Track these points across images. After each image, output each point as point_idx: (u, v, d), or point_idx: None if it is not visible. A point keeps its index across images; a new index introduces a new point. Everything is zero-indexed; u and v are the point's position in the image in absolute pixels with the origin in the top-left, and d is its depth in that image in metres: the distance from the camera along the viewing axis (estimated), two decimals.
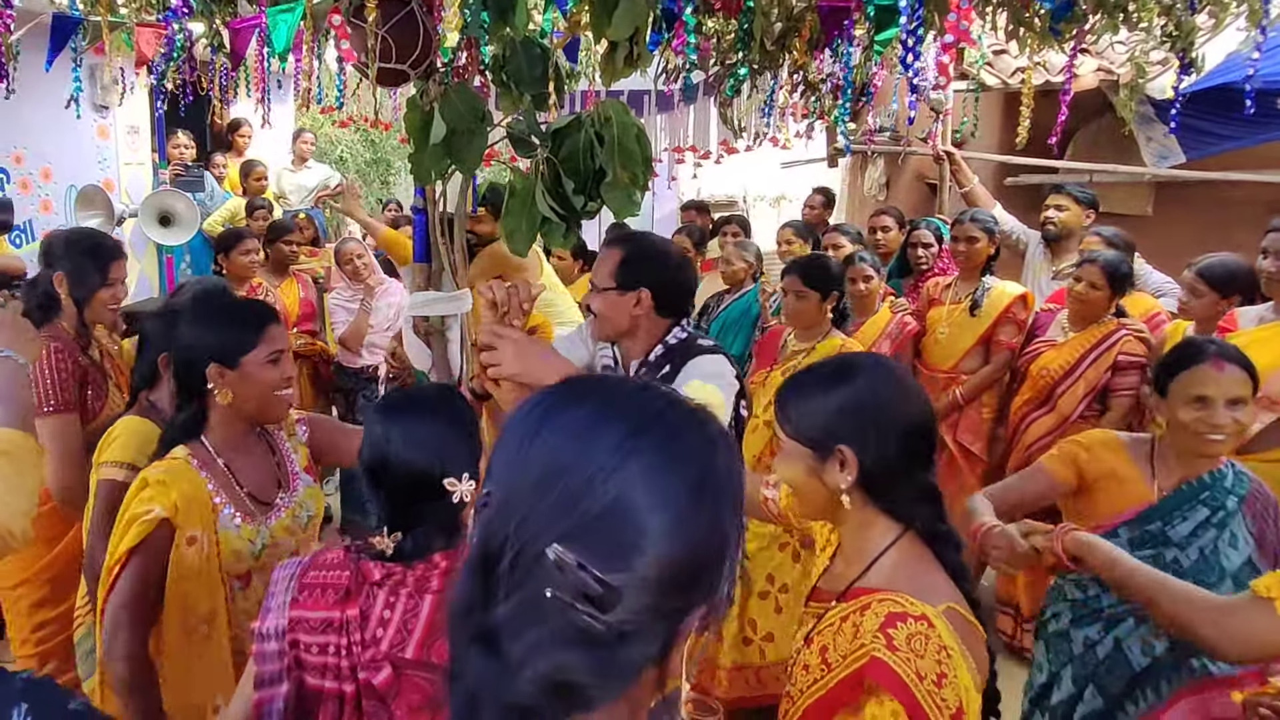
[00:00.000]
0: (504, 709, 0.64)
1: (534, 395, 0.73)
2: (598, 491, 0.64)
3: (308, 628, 1.37)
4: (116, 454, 2.01)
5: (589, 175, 2.90)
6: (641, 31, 2.84)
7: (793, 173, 8.68)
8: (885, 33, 2.68)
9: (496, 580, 0.65)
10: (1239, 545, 1.94)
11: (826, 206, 5.54)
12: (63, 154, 5.74)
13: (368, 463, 1.44)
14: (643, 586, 0.63)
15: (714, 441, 0.71)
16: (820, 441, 1.29)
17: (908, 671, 1.12)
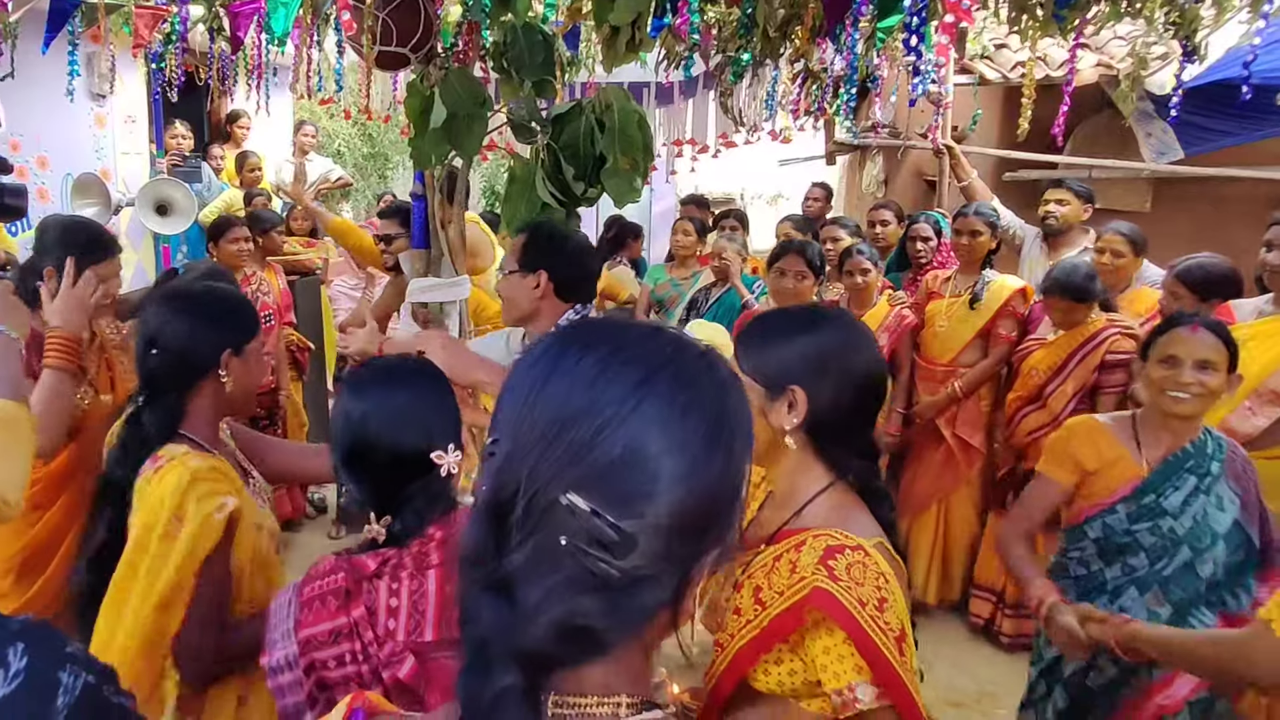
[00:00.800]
0: (516, 654, 0.64)
1: (542, 341, 0.72)
2: (610, 438, 0.64)
3: (319, 643, 1.30)
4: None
5: (589, 162, 2.89)
6: (643, 17, 2.84)
7: (791, 170, 8.70)
8: (888, 20, 2.68)
9: (509, 528, 0.65)
10: (1225, 506, 2.04)
11: (826, 201, 5.55)
12: (60, 142, 5.71)
13: (346, 448, 1.37)
14: (657, 532, 0.63)
15: (725, 384, 0.70)
16: (774, 380, 1.28)
17: (850, 600, 1.13)
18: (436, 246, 3.26)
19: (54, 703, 0.65)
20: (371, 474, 1.36)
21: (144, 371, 1.65)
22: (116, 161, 6.24)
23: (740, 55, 2.64)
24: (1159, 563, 2.06)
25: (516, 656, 0.64)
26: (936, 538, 3.87)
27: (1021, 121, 3.07)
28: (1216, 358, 2.02)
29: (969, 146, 4.64)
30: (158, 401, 1.64)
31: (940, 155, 4.41)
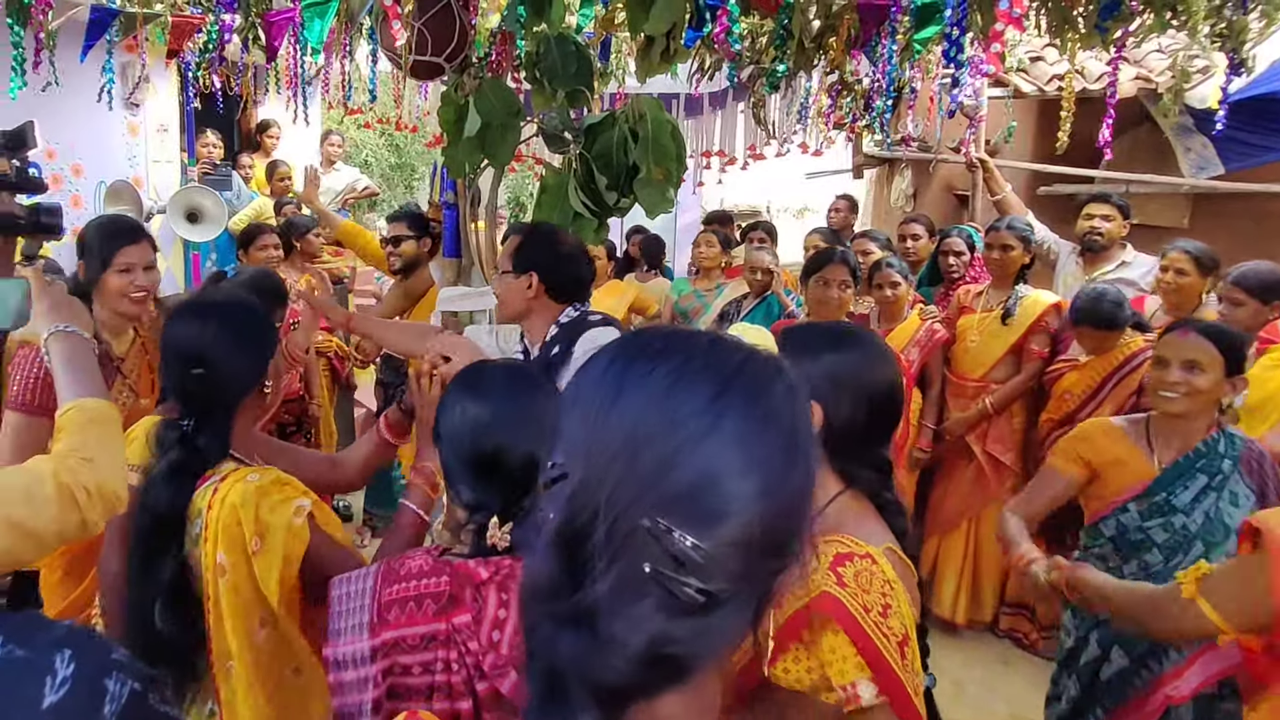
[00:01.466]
0: (595, 688, 0.62)
1: (602, 353, 0.69)
2: (690, 458, 0.62)
3: (408, 647, 1.23)
4: (133, 456, 1.75)
5: (622, 171, 2.88)
6: (678, 27, 2.83)
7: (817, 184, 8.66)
8: (925, 31, 2.65)
9: (586, 558, 0.62)
10: (1240, 503, 2.10)
11: (850, 212, 5.50)
12: (94, 150, 5.78)
13: (472, 453, 1.32)
14: (741, 551, 0.62)
15: (794, 390, 0.68)
16: None
17: (855, 605, 1.18)
18: (467, 255, 3.26)
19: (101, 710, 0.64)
20: (499, 480, 1.30)
21: (187, 392, 1.59)
22: (148, 169, 6.30)
23: (776, 67, 2.61)
24: (1174, 559, 2.11)
25: (595, 690, 0.62)
26: (966, 557, 3.80)
27: (1061, 135, 3.04)
28: (1204, 359, 2.10)
29: (1003, 160, 4.59)
30: (208, 423, 1.58)
31: (973, 169, 4.36)
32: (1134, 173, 4.53)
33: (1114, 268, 3.77)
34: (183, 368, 1.57)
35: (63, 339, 1.44)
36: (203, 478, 1.54)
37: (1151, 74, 4.31)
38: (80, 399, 1.37)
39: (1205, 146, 4.25)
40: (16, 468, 1.29)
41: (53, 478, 1.23)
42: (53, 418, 1.41)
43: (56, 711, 0.62)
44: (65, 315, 1.47)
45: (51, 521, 1.22)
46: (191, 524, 1.52)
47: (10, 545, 1.19)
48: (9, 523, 1.18)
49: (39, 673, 0.63)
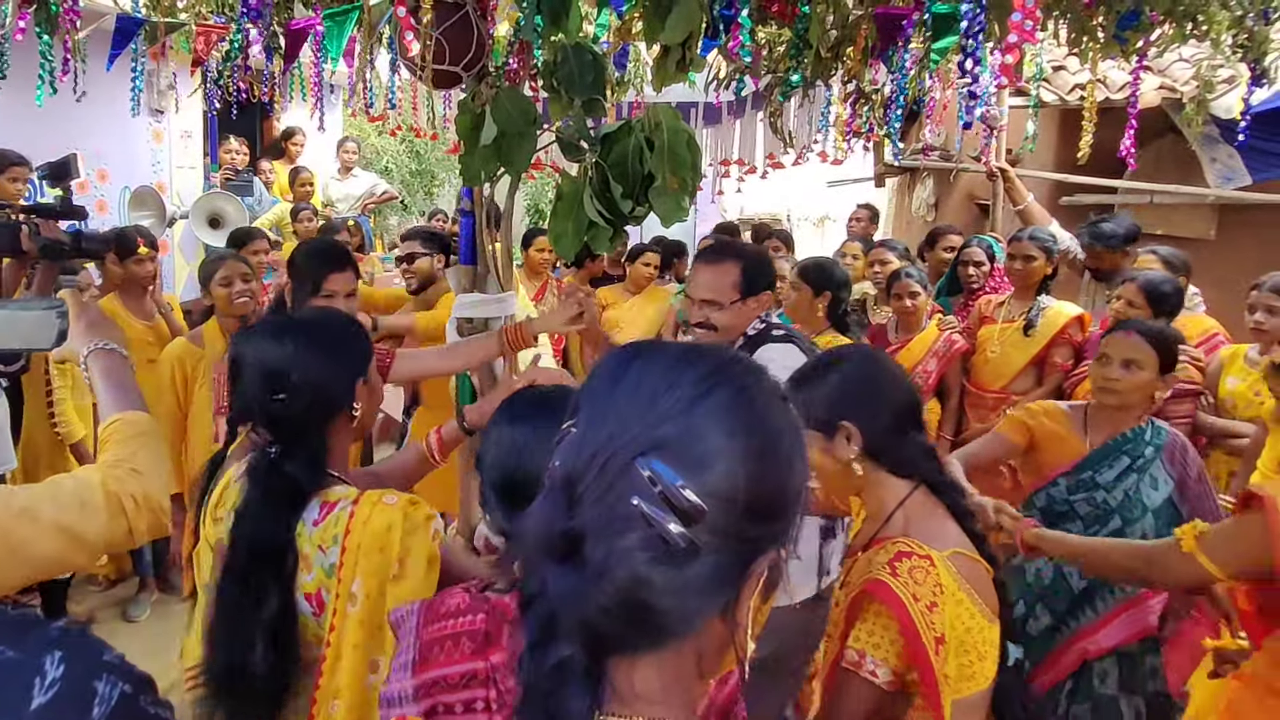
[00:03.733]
0: (581, 625, 0.65)
1: (613, 351, 0.77)
2: (683, 414, 0.68)
3: (448, 686, 1.20)
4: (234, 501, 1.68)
5: (637, 180, 2.87)
6: (694, 37, 2.82)
7: (838, 192, 8.62)
8: (942, 41, 2.63)
9: (579, 495, 0.67)
10: (1159, 486, 2.34)
11: (871, 221, 5.47)
12: (118, 156, 5.87)
13: (500, 477, 1.29)
14: (724, 507, 0.66)
15: (783, 395, 0.75)
16: (826, 422, 1.48)
17: (904, 593, 1.31)
18: (483, 262, 3.27)
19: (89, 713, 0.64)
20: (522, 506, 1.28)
21: (271, 417, 1.52)
22: (172, 175, 6.39)
23: (791, 76, 2.60)
24: (1091, 528, 2.33)
25: (580, 626, 0.66)
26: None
27: (1082, 145, 3.00)
28: (1142, 357, 2.36)
29: (1024, 170, 4.55)
30: (300, 448, 1.50)
31: (994, 179, 4.32)
32: (1158, 183, 4.47)
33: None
34: (264, 392, 1.51)
35: (102, 356, 1.46)
36: (324, 505, 1.47)
37: (1176, 83, 4.26)
38: (124, 412, 1.40)
39: (1231, 156, 4.19)
40: (68, 475, 1.32)
41: (102, 486, 1.26)
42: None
43: (44, 713, 0.62)
44: (102, 333, 1.49)
45: (101, 529, 1.24)
46: (325, 553, 1.44)
47: (61, 550, 1.21)
48: (62, 528, 1.21)
49: (28, 674, 0.63)
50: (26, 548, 1.18)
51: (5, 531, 1.16)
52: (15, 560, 1.17)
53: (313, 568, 1.46)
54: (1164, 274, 3.29)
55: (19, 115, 3.82)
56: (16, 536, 1.17)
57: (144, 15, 3.68)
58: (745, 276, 2.28)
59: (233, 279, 3.10)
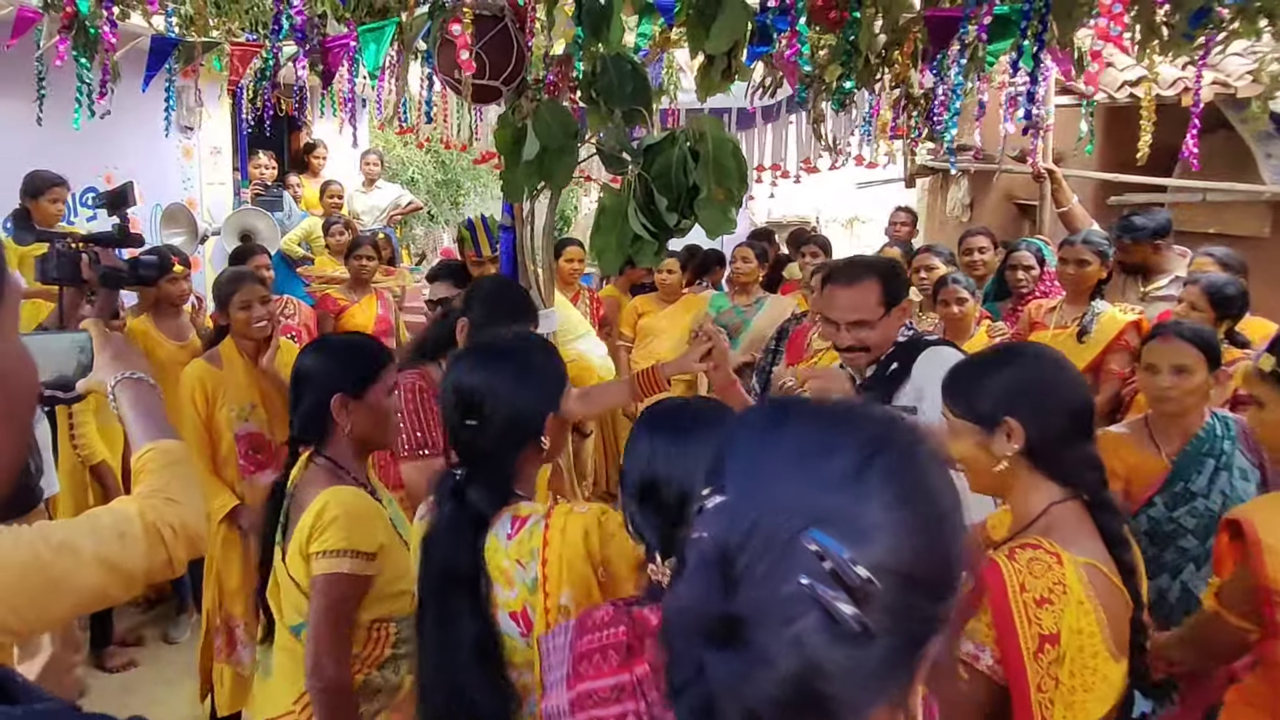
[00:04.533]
0: (745, 716, 0.60)
1: (753, 409, 0.72)
2: (852, 479, 0.63)
3: (600, 700, 1.21)
4: (338, 539, 1.66)
5: (682, 192, 2.81)
6: (739, 45, 2.76)
7: (866, 194, 8.52)
8: (998, 44, 2.55)
9: (738, 574, 0.61)
10: (1248, 476, 2.33)
11: (912, 225, 5.37)
12: (150, 174, 5.87)
13: (636, 482, 1.31)
14: (896, 583, 0.61)
15: (939, 454, 0.70)
16: (988, 416, 1.44)
17: (1013, 581, 1.27)
18: (524, 279, 3.22)
19: None
20: (659, 511, 1.28)
21: (461, 441, 1.55)
22: (202, 191, 6.40)
23: (843, 84, 2.53)
24: (1208, 539, 2.23)
25: (744, 717, 0.60)
26: None
27: (1141, 144, 2.92)
28: (1190, 361, 2.34)
29: (1070, 169, 4.44)
30: (486, 472, 1.52)
31: (1041, 180, 4.22)
32: (1211, 180, 4.34)
33: (1167, 282, 3.65)
34: (458, 415, 1.54)
35: (130, 386, 1.44)
36: (516, 520, 1.48)
37: (1229, 78, 4.14)
38: (155, 441, 1.38)
39: None
40: (105, 508, 1.30)
41: (140, 517, 1.25)
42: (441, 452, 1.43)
43: None
44: (129, 363, 1.47)
45: (141, 560, 1.23)
46: (525, 568, 1.45)
47: (103, 583, 1.20)
48: (103, 561, 1.20)
49: None
50: (68, 581, 1.16)
51: (45, 565, 1.15)
52: (57, 594, 1.16)
53: (514, 584, 1.45)
54: (1226, 276, 3.18)
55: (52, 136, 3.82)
56: (58, 570, 1.15)
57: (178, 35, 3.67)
58: (886, 290, 2.22)
59: (251, 303, 3.05)
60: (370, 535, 1.70)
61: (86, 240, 2.13)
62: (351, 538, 1.66)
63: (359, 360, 1.85)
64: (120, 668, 3.75)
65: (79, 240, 2.12)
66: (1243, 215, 4.46)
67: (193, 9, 3.49)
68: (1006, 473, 1.43)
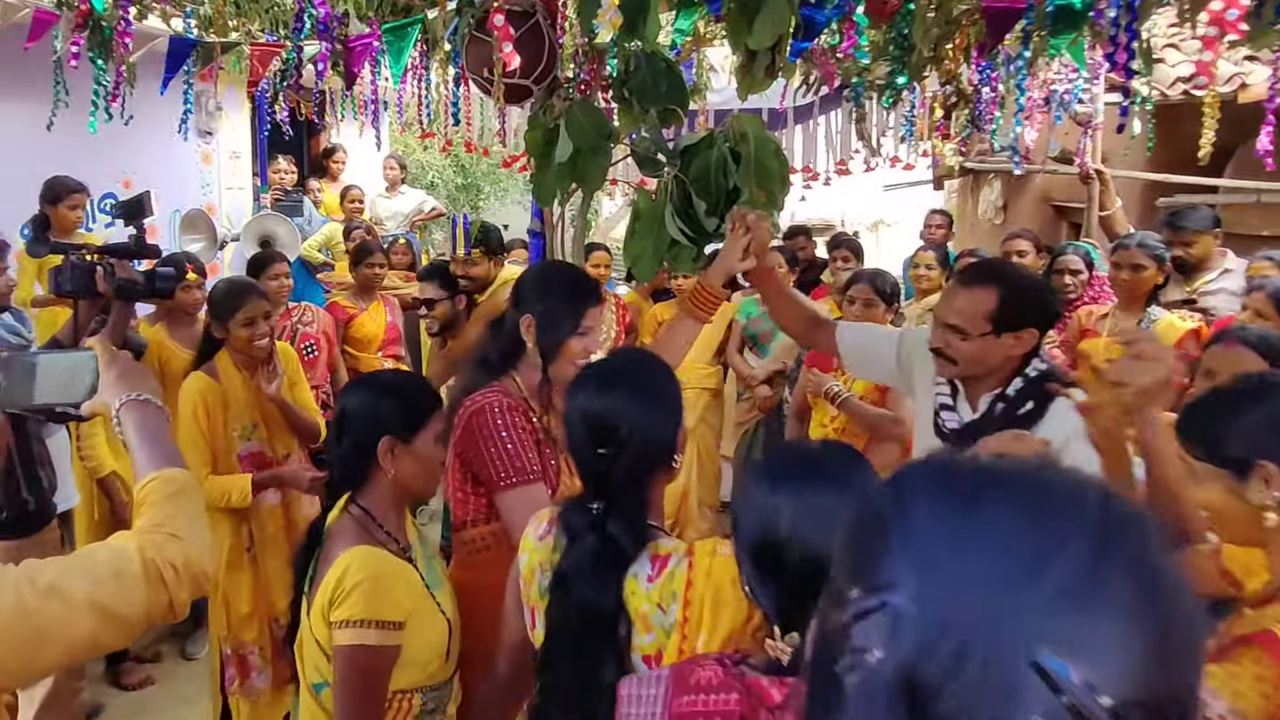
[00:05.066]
0: None
1: (920, 466, 0.59)
2: (1083, 581, 0.50)
3: None
4: (360, 608, 1.53)
5: (721, 195, 2.69)
6: (784, 40, 2.62)
7: (893, 196, 8.36)
8: (1063, 36, 2.40)
9: (943, 713, 0.48)
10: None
11: (948, 229, 5.21)
12: (168, 179, 5.80)
13: (753, 542, 1.15)
14: (1141, 716, 0.48)
15: (1162, 531, 0.56)
16: (1240, 460, 1.29)
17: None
18: None
19: None
20: (781, 578, 1.13)
21: (597, 472, 1.42)
22: (221, 196, 6.32)
23: (895, 78, 2.39)
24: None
25: None
26: None
27: (1202, 143, 2.77)
28: (1253, 369, 2.13)
29: (1116, 170, 4.27)
30: (624, 504, 1.39)
31: (1089, 181, 4.05)
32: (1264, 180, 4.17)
33: (1216, 275, 3.51)
34: (590, 445, 1.41)
35: (136, 408, 1.34)
36: (656, 560, 1.36)
37: None
38: (159, 470, 1.28)
39: None
40: (102, 544, 1.19)
41: (139, 555, 1.14)
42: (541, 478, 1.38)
43: None
44: (135, 384, 1.37)
45: (139, 603, 1.13)
46: (665, 611, 1.32)
47: (95, 631, 1.08)
48: (95, 605, 1.08)
49: None
50: (57, 629, 1.05)
51: (31, 613, 1.04)
52: (44, 644, 1.04)
53: (652, 627, 1.34)
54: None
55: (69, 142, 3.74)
56: (46, 617, 1.04)
57: (196, 37, 3.57)
58: (1002, 307, 1.89)
59: (256, 319, 2.86)
60: (396, 603, 1.57)
61: (101, 252, 2.04)
62: (375, 606, 1.53)
63: (412, 402, 1.70)
64: (136, 685, 3.65)
65: (93, 252, 2.04)
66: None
67: (212, 9, 3.39)
68: (1263, 524, 1.28)
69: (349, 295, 4.54)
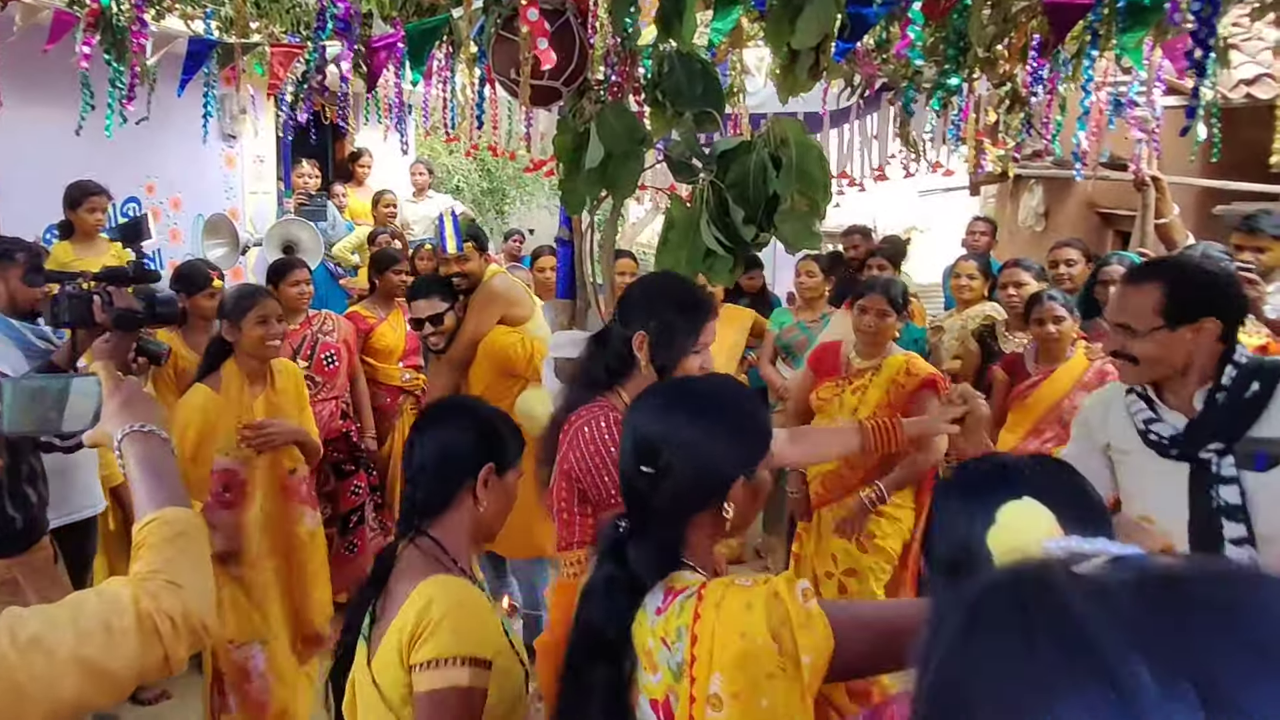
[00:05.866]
0: None
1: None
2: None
3: None
4: (449, 643, 1.36)
5: (760, 203, 2.55)
6: (828, 40, 2.48)
7: (927, 202, 8.16)
8: (1133, 33, 2.24)
9: None
10: None
11: (992, 235, 5.02)
12: (191, 183, 5.75)
13: (948, 554, 1.07)
14: None
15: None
16: None
17: None
18: (583, 297, 2.97)
19: None
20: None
21: (633, 490, 1.31)
22: (245, 201, 6.26)
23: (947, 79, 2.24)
24: None
25: None
26: None
27: (1275, 148, 2.59)
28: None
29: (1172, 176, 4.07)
30: (652, 533, 1.27)
31: (1143, 188, 3.86)
32: None
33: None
34: (634, 461, 1.29)
35: (139, 440, 1.24)
36: (669, 592, 1.22)
37: None
38: (162, 509, 1.18)
39: None
40: (94, 590, 1.09)
41: (133, 605, 1.05)
42: None
43: None
44: (140, 413, 1.27)
45: (131, 659, 1.03)
46: (671, 650, 1.18)
47: (81, 689, 0.98)
48: (83, 662, 0.98)
49: None
50: (38, 687, 0.95)
51: (11, 668, 0.94)
52: (25, 703, 0.94)
53: (658, 668, 1.20)
54: None
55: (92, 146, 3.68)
56: (27, 674, 0.95)
57: (216, 37, 3.48)
58: (1171, 298, 1.82)
59: (269, 318, 2.74)
60: (486, 638, 1.40)
61: (98, 279, 1.94)
62: (466, 641, 1.35)
63: (512, 434, 1.58)
64: (153, 700, 3.55)
65: (90, 279, 1.94)
66: None
67: (233, 10, 3.30)
68: None
69: (368, 304, 4.42)
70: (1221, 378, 1.83)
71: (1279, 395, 1.78)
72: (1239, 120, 3.94)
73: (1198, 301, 1.82)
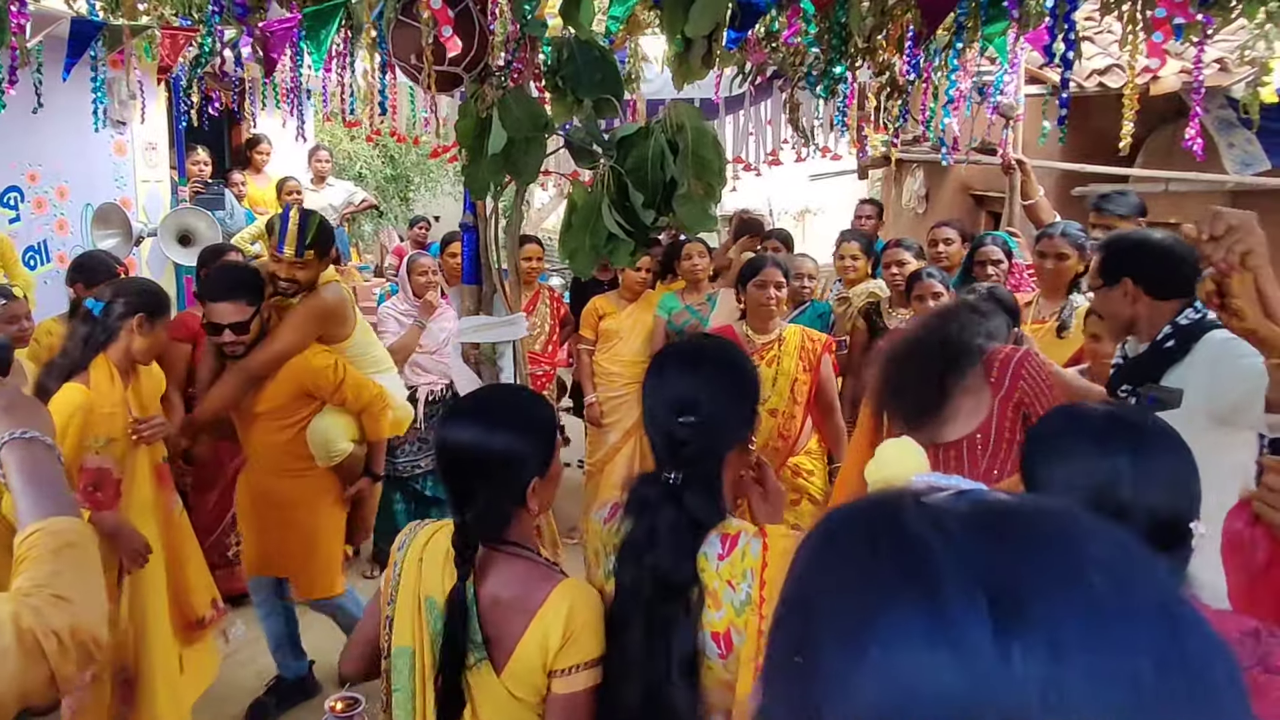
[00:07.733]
0: None
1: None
2: None
3: None
4: (591, 647, 1.42)
5: (659, 187, 2.66)
6: (720, 29, 2.61)
7: (819, 186, 8.46)
8: (995, 25, 2.45)
9: None
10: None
11: (878, 219, 5.28)
12: (79, 171, 5.52)
13: (1100, 507, 1.14)
14: None
15: None
16: None
17: None
18: (488, 282, 3.03)
19: None
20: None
21: (675, 441, 1.45)
22: (137, 190, 6.05)
23: (833, 68, 2.40)
24: None
25: None
26: None
27: (1123, 134, 2.85)
28: None
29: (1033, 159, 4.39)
30: (699, 477, 1.43)
31: (1010, 171, 4.15)
32: (1172, 169, 4.33)
33: None
34: (672, 416, 1.45)
35: (21, 447, 1.18)
36: (726, 538, 1.40)
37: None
38: (45, 520, 1.12)
39: (1250, 142, 4.06)
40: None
41: (12, 621, 0.99)
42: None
43: None
44: (22, 418, 1.21)
45: (11, 679, 0.98)
46: (736, 589, 1.36)
47: None
48: None
49: None
50: None
51: None
52: None
53: (721, 604, 1.37)
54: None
55: None
56: None
57: (102, 19, 3.39)
58: (1104, 262, 2.23)
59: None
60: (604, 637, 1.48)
61: None
62: (601, 644, 1.43)
63: (553, 430, 1.59)
64: None
65: None
66: (1204, 205, 4.45)
67: None
68: None
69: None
70: (1160, 335, 2.14)
71: (1195, 352, 2.07)
72: (1092, 107, 4.27)
73: (1117, 265, 2.19)
